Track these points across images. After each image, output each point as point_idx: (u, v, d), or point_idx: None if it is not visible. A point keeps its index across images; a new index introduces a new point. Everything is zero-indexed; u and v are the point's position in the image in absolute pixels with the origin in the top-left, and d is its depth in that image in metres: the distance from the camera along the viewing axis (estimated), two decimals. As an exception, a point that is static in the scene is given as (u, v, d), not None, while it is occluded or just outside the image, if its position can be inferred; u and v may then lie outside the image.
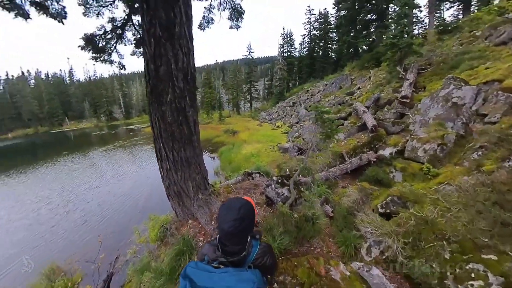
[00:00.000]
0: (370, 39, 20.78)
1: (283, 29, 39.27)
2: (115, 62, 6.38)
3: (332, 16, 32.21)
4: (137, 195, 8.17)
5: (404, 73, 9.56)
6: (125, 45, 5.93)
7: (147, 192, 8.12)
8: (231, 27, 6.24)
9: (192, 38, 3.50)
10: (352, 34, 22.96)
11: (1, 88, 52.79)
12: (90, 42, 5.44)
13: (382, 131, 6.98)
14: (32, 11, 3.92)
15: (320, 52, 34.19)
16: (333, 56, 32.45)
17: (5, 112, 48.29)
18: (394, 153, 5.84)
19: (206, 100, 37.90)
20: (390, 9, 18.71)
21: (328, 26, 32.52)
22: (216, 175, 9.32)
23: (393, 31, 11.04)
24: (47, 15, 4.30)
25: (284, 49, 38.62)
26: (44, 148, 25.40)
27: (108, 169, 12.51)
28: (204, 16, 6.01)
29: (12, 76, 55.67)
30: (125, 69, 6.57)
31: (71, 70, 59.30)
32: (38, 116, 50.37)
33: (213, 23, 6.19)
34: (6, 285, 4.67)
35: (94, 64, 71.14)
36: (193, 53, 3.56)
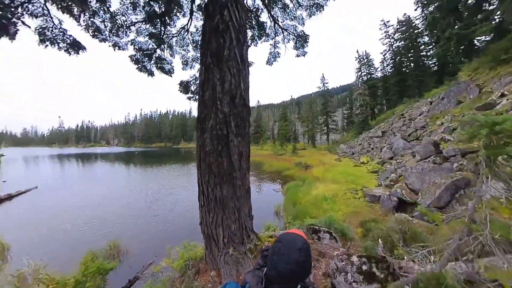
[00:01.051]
0: (494, 21, 13.26)
1: (357, 52, 35.09)
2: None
3: (417, 19, 25.48)
4: (196, 212, 8.56)
5: None
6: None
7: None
8: (297, 56, 5.92)
9: (246, 60, 3.09)
10: (457, 26, 16.26)
11: (156, 119, 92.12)
12: (185, 87, 6.74)
13: None
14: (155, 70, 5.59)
15: (411, 64, 26.91)
16: (433, 64, 24.47)
17: (154, 132, 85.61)
18: None
19: (281, 132, 39.13)
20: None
21: (415, 31, 25.67)
22: (276, 216, 7.93)
23: None
24: (163, 73, 5.89)
25: (362, 72, 33.87)
26: (165, 156, 37.10)
27: (190, 182, 14.57)
28: (270, 52, 6.13)
29: (161, 112, 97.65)
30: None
31: (190, 109, 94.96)
32: (168, 136, 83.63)
33: (279, 56, 6.22)
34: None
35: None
36: (246, 75, 3.10)
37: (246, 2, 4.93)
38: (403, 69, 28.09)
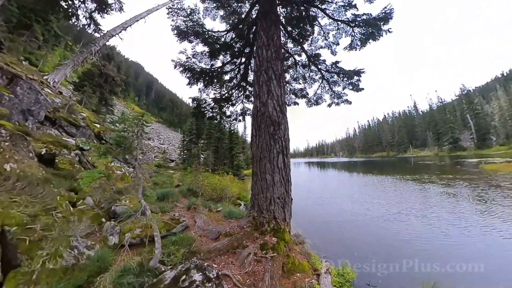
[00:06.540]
0: None
1: None
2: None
3: None
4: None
5: None
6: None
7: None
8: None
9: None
10: None
11: (375, 127, 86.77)
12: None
13: None
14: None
15: None
16: None
17: (373, 141, 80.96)
18: None
19: None
20: None
21: None
22: None
23: None
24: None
25: None
26: (388, 166, 30.70)
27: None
28: None
29: (379, 119, 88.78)
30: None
31: (415, 104, 68.46)
32: (390, 143, 71.77)
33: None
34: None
35: (436, 91, 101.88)
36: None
37: None
38: None
